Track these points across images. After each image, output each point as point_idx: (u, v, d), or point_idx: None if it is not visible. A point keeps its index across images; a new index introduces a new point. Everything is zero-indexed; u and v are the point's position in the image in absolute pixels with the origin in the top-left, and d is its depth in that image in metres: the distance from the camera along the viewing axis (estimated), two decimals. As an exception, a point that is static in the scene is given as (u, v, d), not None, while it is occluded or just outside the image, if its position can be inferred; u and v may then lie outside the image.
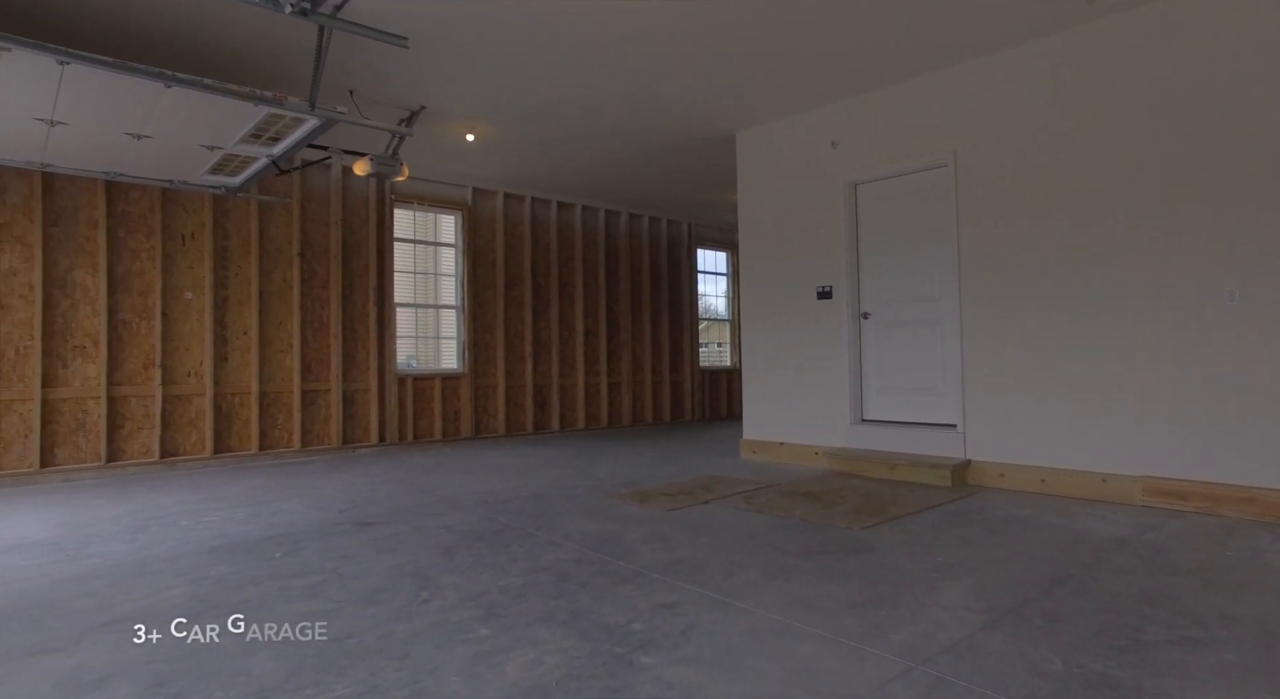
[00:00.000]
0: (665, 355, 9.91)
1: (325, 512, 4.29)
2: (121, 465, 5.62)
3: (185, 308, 5.99)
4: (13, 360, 5.27)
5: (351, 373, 6.92)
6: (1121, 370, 4.23)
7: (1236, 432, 3.83)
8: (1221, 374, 3.89)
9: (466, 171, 7.60)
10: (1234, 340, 3.85)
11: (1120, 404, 4.23)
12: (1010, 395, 4.70)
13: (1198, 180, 3.97)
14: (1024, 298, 4.64)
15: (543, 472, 5.76)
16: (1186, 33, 4.02)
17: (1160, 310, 4.10)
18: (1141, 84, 4.17)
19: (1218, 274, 3.90)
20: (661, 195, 8.93)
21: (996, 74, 4.78)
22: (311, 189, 6.74)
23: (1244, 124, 3.83)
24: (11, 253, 5.29)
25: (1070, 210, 4.44)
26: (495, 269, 8.15)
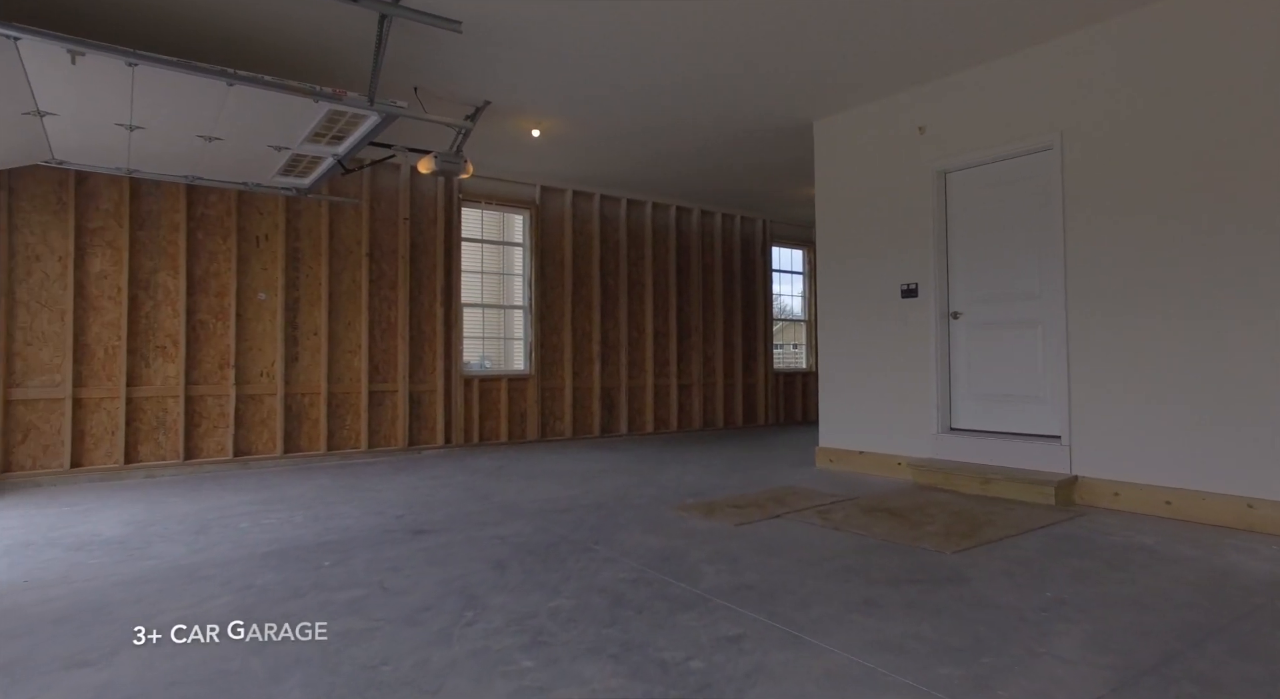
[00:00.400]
0: (738, 357, 9.56)
1: (382, 517, 4.19)
2: (198, 463, 5.74)
3: (258, 308, 6.09)
4: (102, 360, 5.45)
5: (418, 373, 6.91)
6: (1273, 378, 3.64)
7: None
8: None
9: (534, 169, 7.48)
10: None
11: (1272, 416, 3.64)
12: (1126, 404, 4.15)
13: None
14: (1144, 294, 4.09)
15: (606, 478, 5.54)
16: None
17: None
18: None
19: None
20: (735, 191, 8.60)
21: (1116, 41, 4.25)
22: (380, 189, 6.76)
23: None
24: (103, 256, 5.48)
25: (1205, 203, 3.87)
26: (563, 268, 8.01)
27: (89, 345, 5.42)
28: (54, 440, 5.27)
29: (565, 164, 7.28)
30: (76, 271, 5.38)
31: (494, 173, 7.43)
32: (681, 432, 8.87)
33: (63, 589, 2.91)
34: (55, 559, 3.34)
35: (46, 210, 5.30)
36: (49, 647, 2.32)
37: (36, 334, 5.24)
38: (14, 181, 5.21)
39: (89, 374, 5.41)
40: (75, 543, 3.64)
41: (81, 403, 5.37)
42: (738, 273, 9.65)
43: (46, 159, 4.98)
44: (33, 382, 5.22)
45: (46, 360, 5.27)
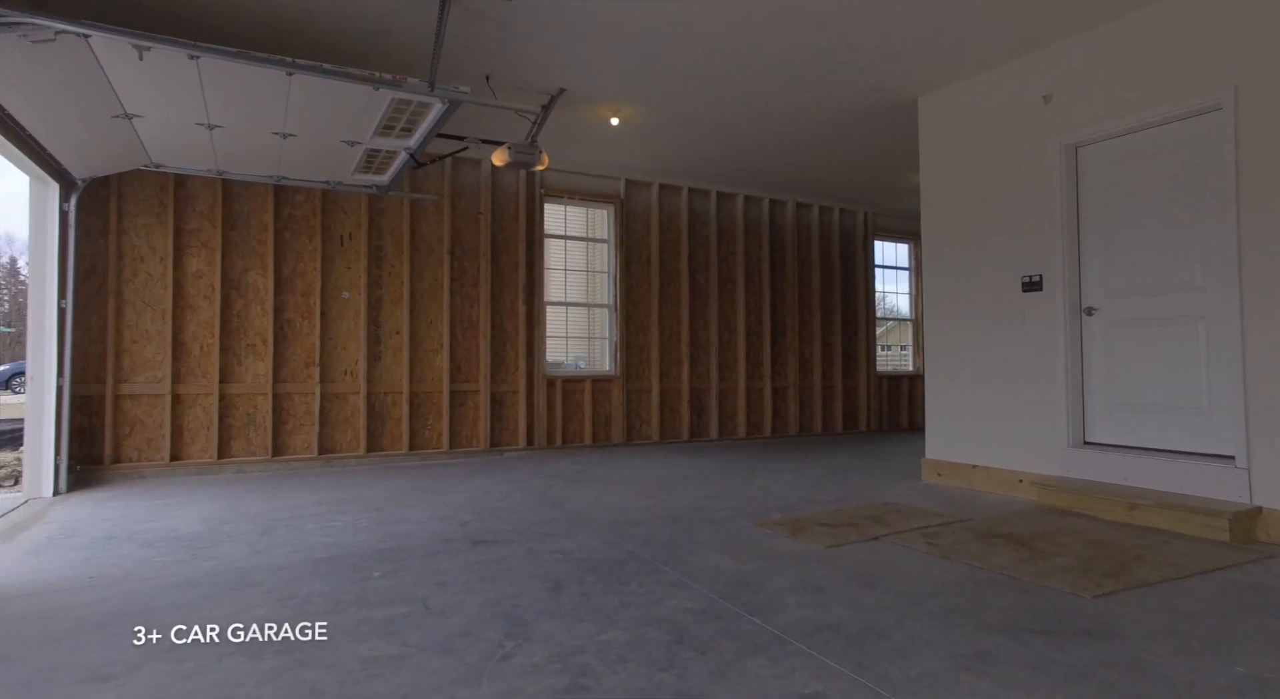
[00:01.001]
0: (837, 359, 8.94)
1: (446, 523, 4.00)
2: (285, 460, 5.83)
3: (342, 307, 6.12)
4: (197, 357, 5.62)
5: (500, 373, 6.79)
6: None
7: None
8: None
9: (618, 162, 7.22)
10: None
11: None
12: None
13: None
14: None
15: (689, 486, 5.17)
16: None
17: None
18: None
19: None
20: (833, 180, 8.01)
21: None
22: (461, 186, 6.69)
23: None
24: (198, 257, 5.65)
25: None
26: (649, 265, 7.70)
27: (186, 343, 5.59)
28: (156, 434, 5.46)
29: (649, 155, 6.97)
30: (175, 272, 5.56)
31: (576, 166, 7.22)
32: (775, 437, 8.36)
33: (118, 589, 2.85)
34: (127, 556, 3.33)
35: (150, 213, 5.51)
36: (80, 656, 2.21)
37: (141, 332, 5.45)
38: (123, 187, 5.43)
39: (186, 371, 5.58)
40: (151, 538, 3.64)
41: (180, 399, 5.55)
42: (837, 269, 9.03)
43: (146, 163, 5.16)
44: (138, 378, 5.43)
45: (149, 357, 5.47)
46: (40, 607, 2.65)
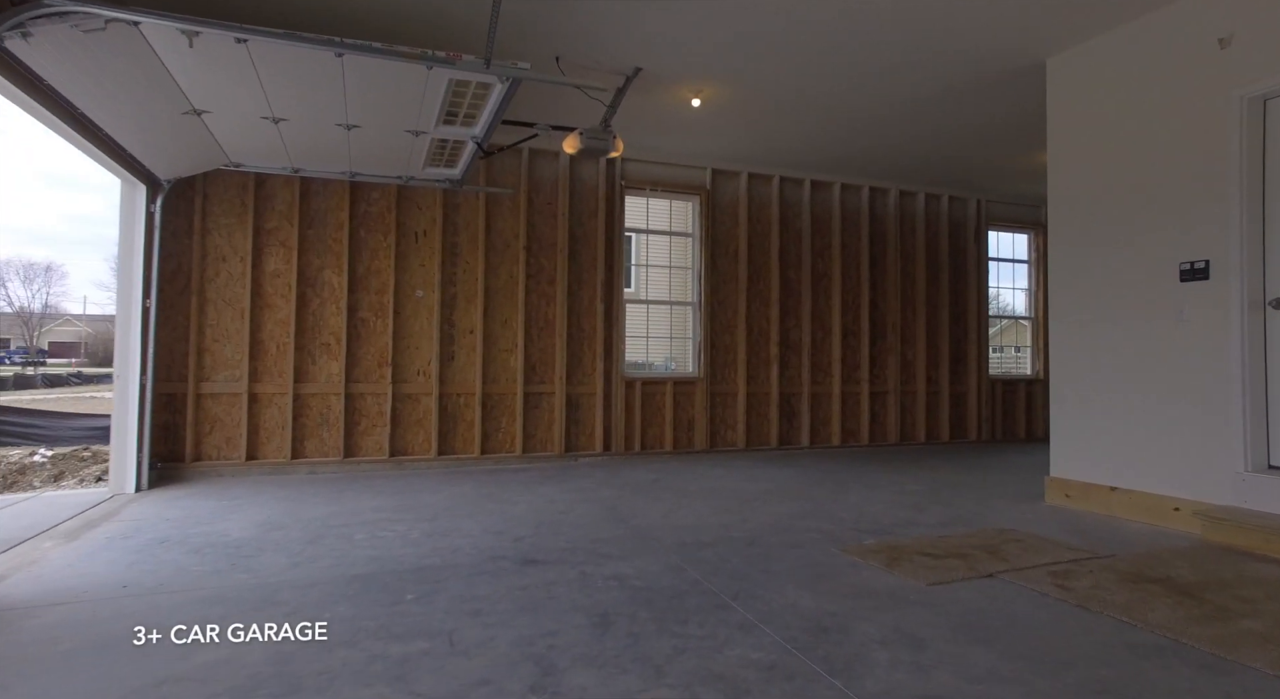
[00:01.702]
0: (944, 361, 8.11)
1: (500, 538, 3.69)
2: (356, 461, 5.75)
3: (415, 306, 5.99)
4: (274, 356, 5.62)
5: (576, 375, 6.48)
6: None
7: None
8: None
9: (703, 150, 6.77)
10: None
11: None
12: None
13: None
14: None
15: (771, 502, 4.66)
16: None
17: None
18: None
19: None
20: (941, 163, 7.23)
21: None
22: (538, 179, 6.43)
23: None
24: (276, 256, 5.66)
25: None
26: (737, 260, 7.21)
27: (263, 342, 5.60)
28: (234, 433, 5.50)
29: (736, 142, 6.48)
30: (254, 270, 5.59)
31: (658, 156, 6.83)
32: (873, 446, 7.66)
33: (143, 603, 2.69)
34: (169, 563, 3.21)
35: (231, 213, 5.55)
36: (66, 685, 2.01)
37: (221, 331, 5.50)
38: (207, 188, 5.50)
39: (263, 370, 5.59)
40: (200, 544, 3.53)
41: (256, 398, 5.57)
42: (944, 262, 8.19)
43: (226, 163, 5.18)
44: (218, 376, 5.48)
45: (229, 356, 5.51)
46: (59, 620, 2.51)
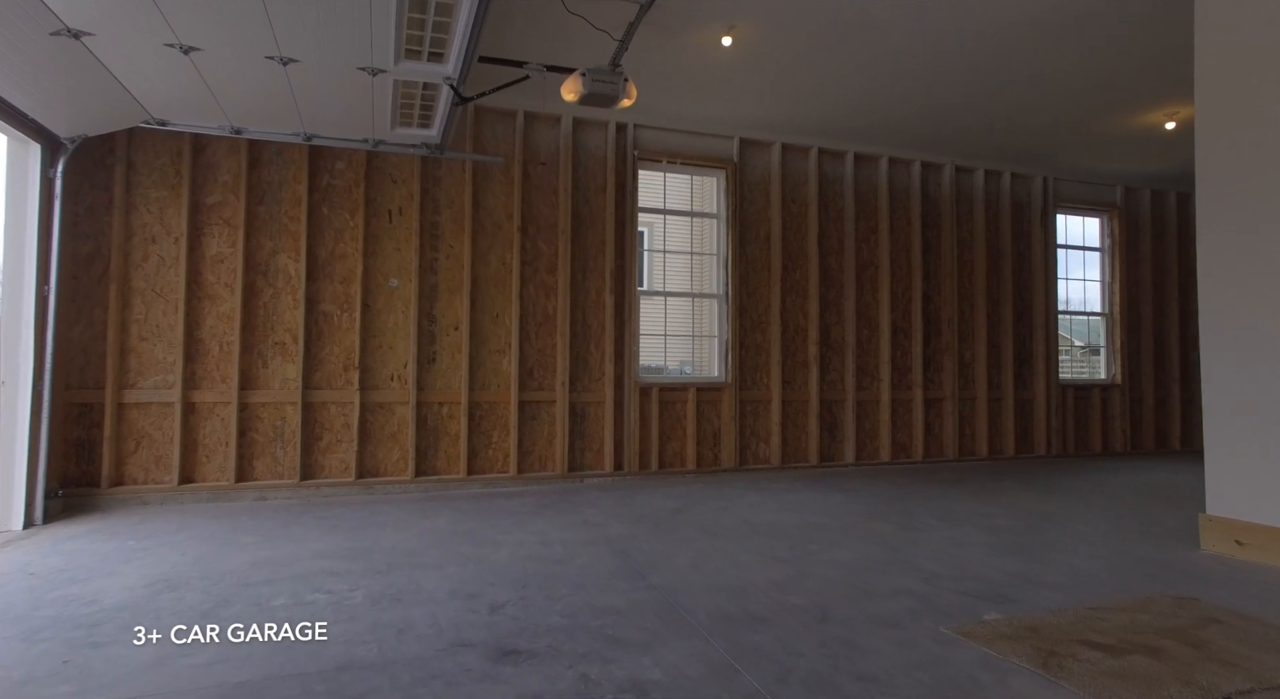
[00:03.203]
0: (1007, 364, 7.02)
1: (471, 606, 2.67)
2: (316, 485, 4.74)
3: (389, 298, 4.99)
4: (216, 358, 4.64)
5: (581, 380, 5.46)
6: None
7: None
8: None
9: (731, 115, 5.74)
10: None
11: None
12: None
13: None
14: None
15: (830, 544, 3.61)
16: None
17: None
18: None
19: None
20: (1008, 129, 6.15)
21: None
22: (535, 148, 5.42)
23: None
24: (219, 237, 4.68)
25: None
26: (769, 245, 6.17)
27: (202, 340, 4.62)
28: (164, 451, 4.52)
29: (771, 102, 5.45)
30: (191, 254, 4.61)
31: (678, 121, 5.80)
32: (929, 463, 6.58)
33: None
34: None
35: (164, 185, 4.58)
36: None
37: (150, 327, 4.53)
38: (133, 154, 4.54)
39: (202, 374, 4.61)
40: (48, 619, 2.53)
41: (193, 408, 4.59)
42: (1006, 250, 7.11)
43: (145, 118, 4.21)
44: (145, 382, 4.51)
45: (159, 358, 4.53)
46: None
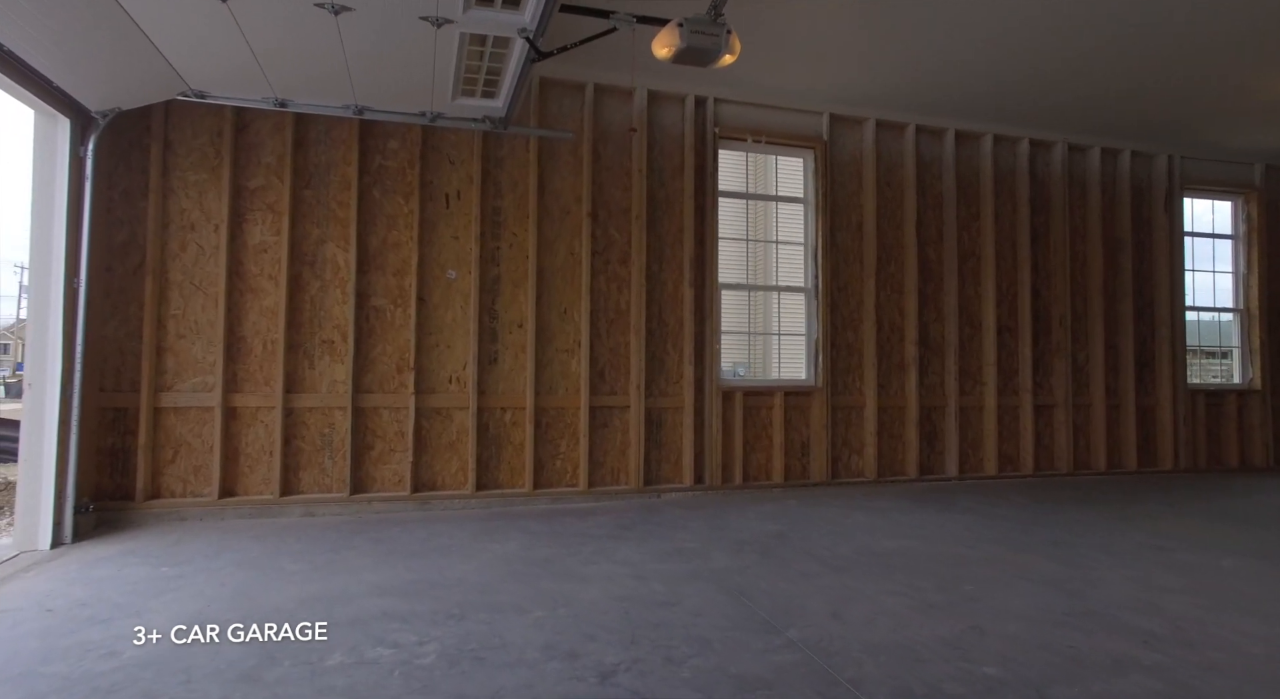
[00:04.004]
0: (1126, 366, 6.22)
1: (572, 671, 2.10)
2: (367, 499, 4.26)
3: (446, 291, 4.49)
4: (259, 357, 4.20)
5: (658, 383, 4.89)
6: None
7: None
8: None
9: (820, 86, 5.10)
10: None
11: None
12: None
13: None
14: None
15: (988, 584, 2.95)
16: None
17: None
18: None
19: None
20: (1130, 98, 5.37)
21: None
22: (607, 126, 4.87)
23: None
24: (263, 224, 4.24)
25: None
26: (862, 234, 5.51)
27: (244, 338, 4.18)
28: (205, 460, 4.09)
29: (865, 68, 4.80)
30: (232, 243, 4.18)
31: (763, 94, 5.19)
32: (1040, 476, 5.83)
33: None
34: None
35: (203, 167, 4.16)
36: None
37: (189, 324, 4.11)
38: (170, 133, 4.13)
39: (244, 376, 4.17)
40: (61, 677, 2.07)
41: (235, 413, 4.15)
42: (1126, 238, 6.31)
43: (182, 90, 3.78)
44: (184, 384, 4.08)
45: (198, 357, 4.11)
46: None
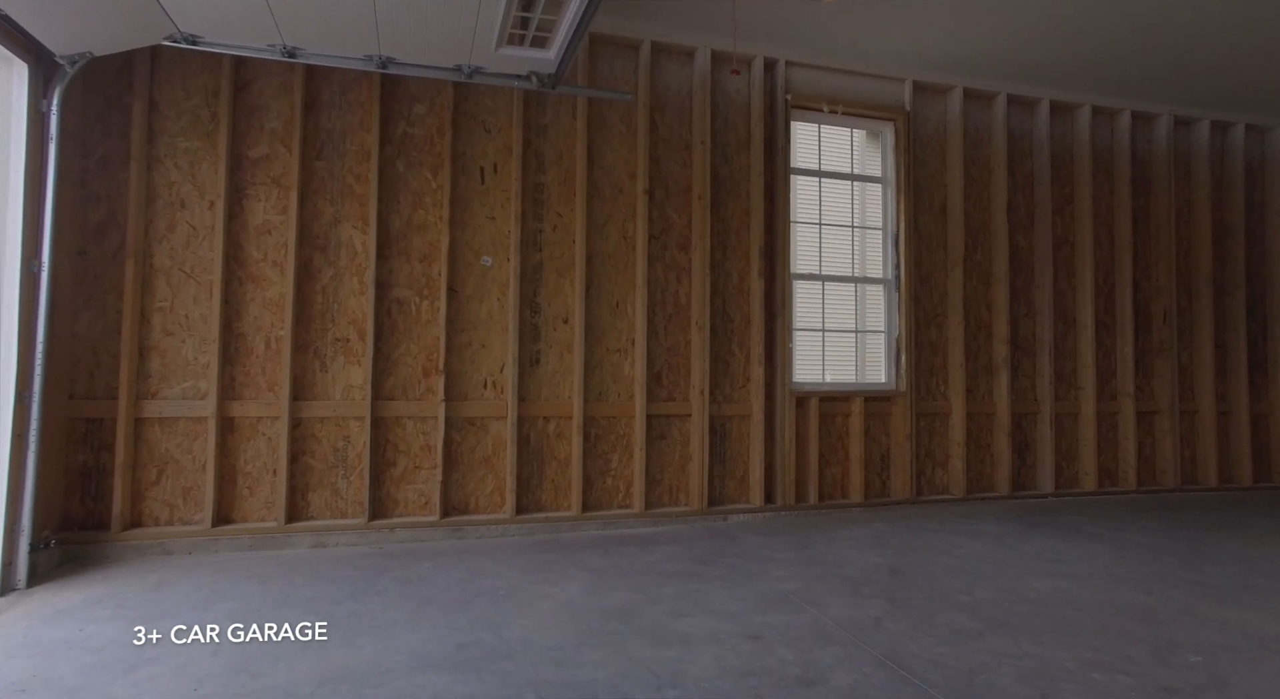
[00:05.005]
0: (1238, 368, 5.51)
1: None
2: (389, 525, 3.61)
3: (481, 280, 3.84)
4: (261, 358, 3.55)
5: (723, 387, 4.22)
6: None
7: None
8: None
9: (903, 47, 4.43)
10: None
11: None
12: None
13: None
14: None
15: (1210, 645, 2.27)
16: None
17: None
18: None
19: None
20: (1249, 60, 4.66)
21: None
22: (664, 92, 4.21)
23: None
24: (267, 200, 3.60)
25: None
26: (946, 218, 4.84)
27: (244, 335, 3.54)
28: (195, 481, 3.45)
29: (954, 24, 4.12)
30: (230, 223, 3.53)
31: (839, 57, 4.52)
32: (1144, 492, 5.13)
33: None
34: None
35: (196, 133, 3.52)
36: None
37: (178, 318, 3.47)
38: (156, 92, 3.49)
39: (243, 380, 3.53)
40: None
41: (232, 424, 3.50)
42: (1238, 223, 5.59)
43: (171, 33, 3.14)
44: (172, 390, 3.44)
45: (190, 358, 3.47)
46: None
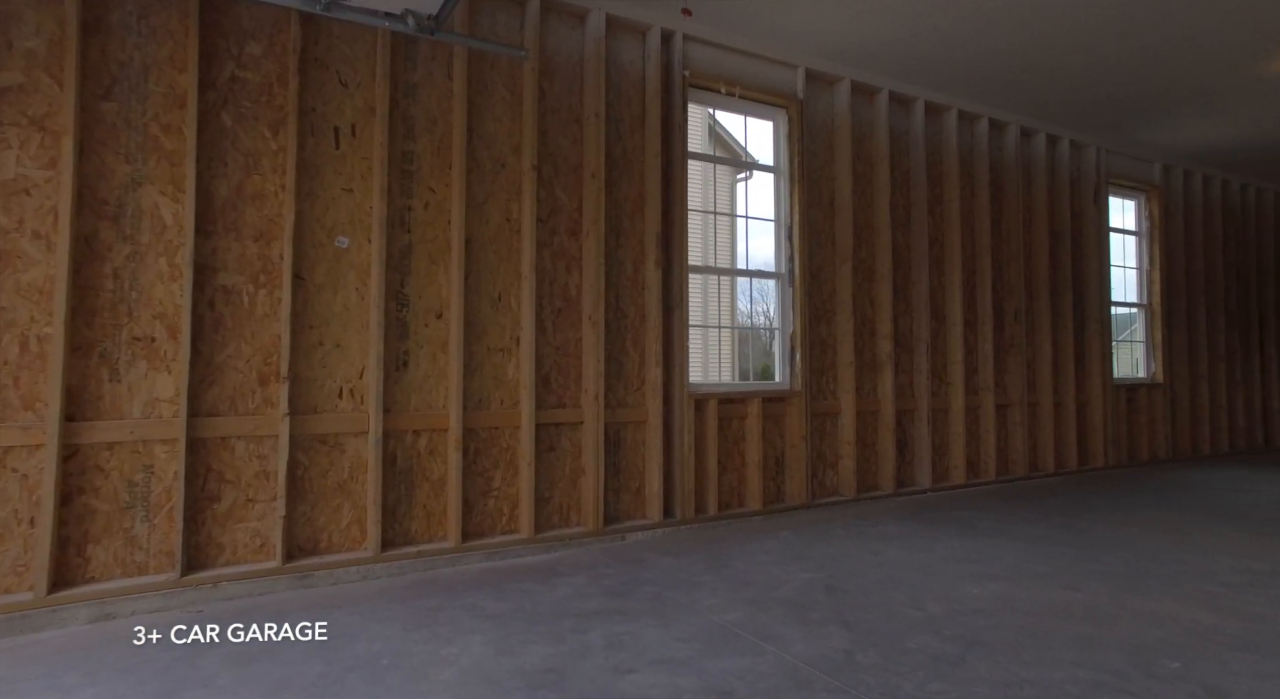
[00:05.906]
0: (1067, 362, 6.01)
1: None
2: (212, 578, 2.81)
3: (335, 265, 3.12)
4: (15, 365, 2.61)
5: (617, 390, 3.80)
6: None
7: None
8: None
9: (802, 29, 4.24)
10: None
11: None
12: None
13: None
14: None
15: (1176, 646, 2.18)
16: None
17: None
18: None
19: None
20: (1075, 79, 5.02)
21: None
22: (554, 58, 3.70)
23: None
24: (22, 148, 2.65)
25: None
26: (834, 213, 4.75)
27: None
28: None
29: (849, 20, 4.00)
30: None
31: (738, 35, 4.25)
32: (1001, 482, 5.41)
33: None
34: None
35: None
36: None
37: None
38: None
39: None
40: None
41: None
42: (1066, 230, 6.09)
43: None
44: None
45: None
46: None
